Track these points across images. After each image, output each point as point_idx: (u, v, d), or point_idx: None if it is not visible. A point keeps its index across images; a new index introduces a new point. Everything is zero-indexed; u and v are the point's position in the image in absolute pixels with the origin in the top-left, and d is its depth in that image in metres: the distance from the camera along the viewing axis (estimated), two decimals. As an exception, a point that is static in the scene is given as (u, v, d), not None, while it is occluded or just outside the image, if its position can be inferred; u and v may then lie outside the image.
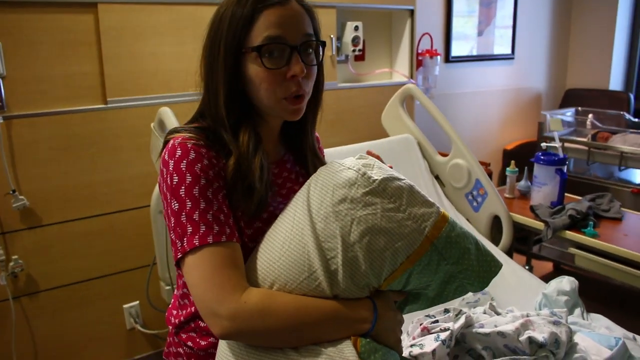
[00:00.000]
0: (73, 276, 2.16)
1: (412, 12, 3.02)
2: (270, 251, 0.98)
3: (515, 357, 1.45)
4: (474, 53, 3.87)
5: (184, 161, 0.96)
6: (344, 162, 1.00)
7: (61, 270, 2.13)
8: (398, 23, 3.11)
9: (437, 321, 1.56)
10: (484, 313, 1.71)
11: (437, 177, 2.48)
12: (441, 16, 3.60)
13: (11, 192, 1.97)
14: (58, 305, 2.14)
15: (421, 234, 0.94)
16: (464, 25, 3.76)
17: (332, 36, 2.72)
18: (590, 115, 3.50)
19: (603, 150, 3.22)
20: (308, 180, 1.02)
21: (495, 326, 1.54)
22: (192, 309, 1.09)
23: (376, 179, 0.95)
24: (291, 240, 0.96)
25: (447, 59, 3.69)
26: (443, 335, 1.46)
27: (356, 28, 2.84)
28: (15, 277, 2.04)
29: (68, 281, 2.15)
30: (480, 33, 3.88)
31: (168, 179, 0.97)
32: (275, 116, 1.08)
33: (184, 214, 0.95)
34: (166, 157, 0.99)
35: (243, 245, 1.03)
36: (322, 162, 1.15)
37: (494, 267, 1.03)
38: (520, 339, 1.47)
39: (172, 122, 1.87)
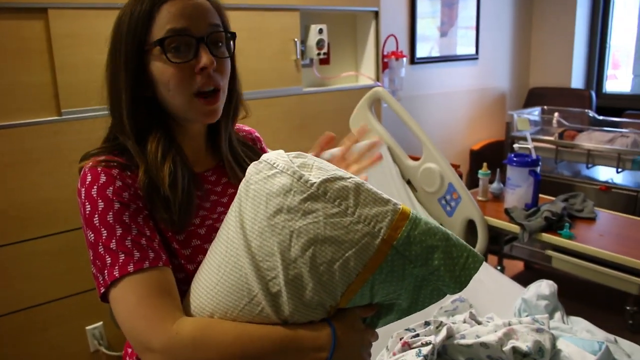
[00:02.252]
0: (31, 299, 2.03)
1: (376, 13, 2.97)
2: (206, 277, 0.88)
3: (499, 368, 1.41)
4: (437, 54, 3.85)
5: (95, 187, 0.90)
6: (276, 162, 0.87)
7: (18, 294, 2.00)
8: (363, 25, 3.06)
9: (417, 335, 1.50)
10: (464, 322, 1.66)
11: (408, 182, 2.44)
12: (405, 18, 3.57)
13: (-41, 212, 1.84)
14: (15, 331, 2.01)
15: (376, 238, 0.81)
16: (429, 26, 3.74)
17: (295, 40, 2.65)
18: (556, 114, 3.52)
19: (570, 149, 3.24)
20: (239, 189, 0.91)
21: (477, 336, 1.49)
22: None
23: (314, 182, 0.82)
24: (226, 263, 0.86)
25: (413, 60, 3.66)
26: (425, 350, 1.41)
27: (320, 31, 2.77)
28: (-34, 303, 1.91)
29: (25, 305, 2.02)
30: (443, 34, 3.86)
31: (82, 208, 0.92)
32: (191, 120, 1.01)
33: (100, 244, 0.88)
34: (78, 185, 0.93)
35: (180, 268, 0.96)
36: (240, 168, 1.09)
37: (473, 263, 0.86)
38: (503, 349, 1.42)
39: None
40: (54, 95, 1.99)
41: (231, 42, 1.01)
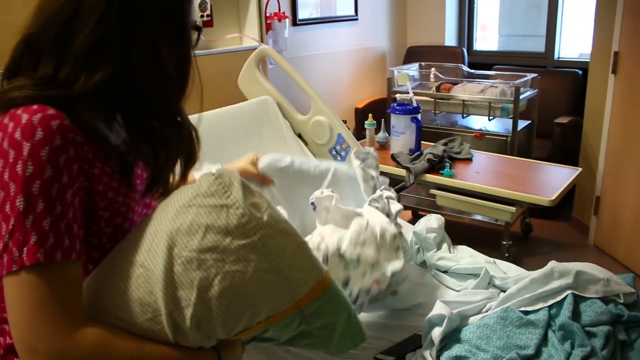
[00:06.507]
0: None
1: (257, -26, 2.97)
2: (117, 281, 0.86)
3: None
4: (318, 15, 3.91)
5: (46, 148, 0.76)
6: (229, 190, 0.85)
7: None
8: (244, -14, 3.05)
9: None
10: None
11: (299, 136, 2.50)
12: (285, -21, 3.59)
13: None
14: None
15: (290, 300, 0.85)
16: (308, -13, 3.78)
17: (177, 1, 2.59)
18: (432, 69, 3.73)
19: (447, 100, 3.45)
20: (174, 198, 0.89)
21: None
22: (9, 340, 0.89)
23: (258, 233, 0.82)
24: (141, 273, 0.84)
25: (295, 22, 3.70)
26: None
27: (202, -8, 2.73)
28: None
29: None
30: (323, -5, 3.93)
31: (19, 165, 0.75)
32: None
33: (30, 217, 0.75)
34: (17, 135, 0.76)
35: (100, 246, 0.91)
36: None
37: (357, 340, 0.97)
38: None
39: None
40: None
41: None
